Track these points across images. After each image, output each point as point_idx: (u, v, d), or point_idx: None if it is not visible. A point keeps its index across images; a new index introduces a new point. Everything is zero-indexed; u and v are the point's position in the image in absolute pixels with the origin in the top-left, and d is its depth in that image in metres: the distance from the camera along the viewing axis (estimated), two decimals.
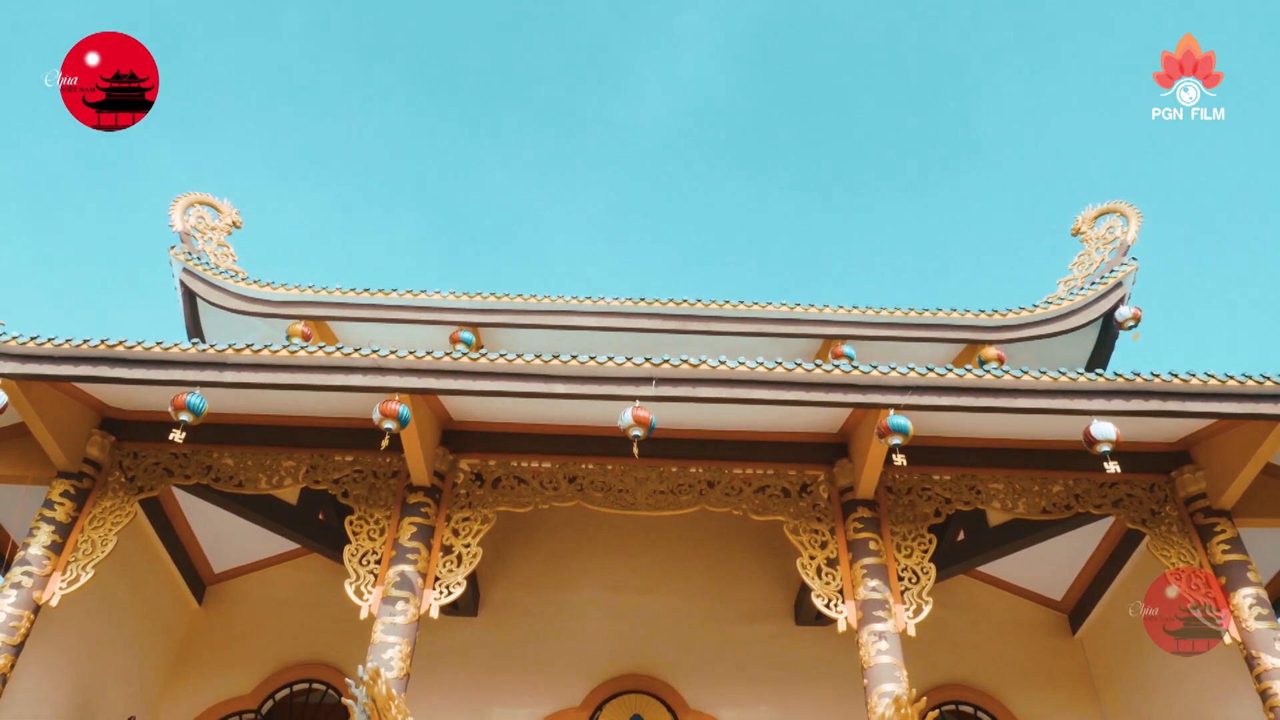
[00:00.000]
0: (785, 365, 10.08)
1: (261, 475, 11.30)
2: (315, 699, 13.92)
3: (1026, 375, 9.96)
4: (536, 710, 13.57)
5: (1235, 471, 10.57)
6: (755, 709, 13.68)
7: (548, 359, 10.04)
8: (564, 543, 14.91)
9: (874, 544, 10.73)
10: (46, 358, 9.89)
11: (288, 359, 10.01)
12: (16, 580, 10.18)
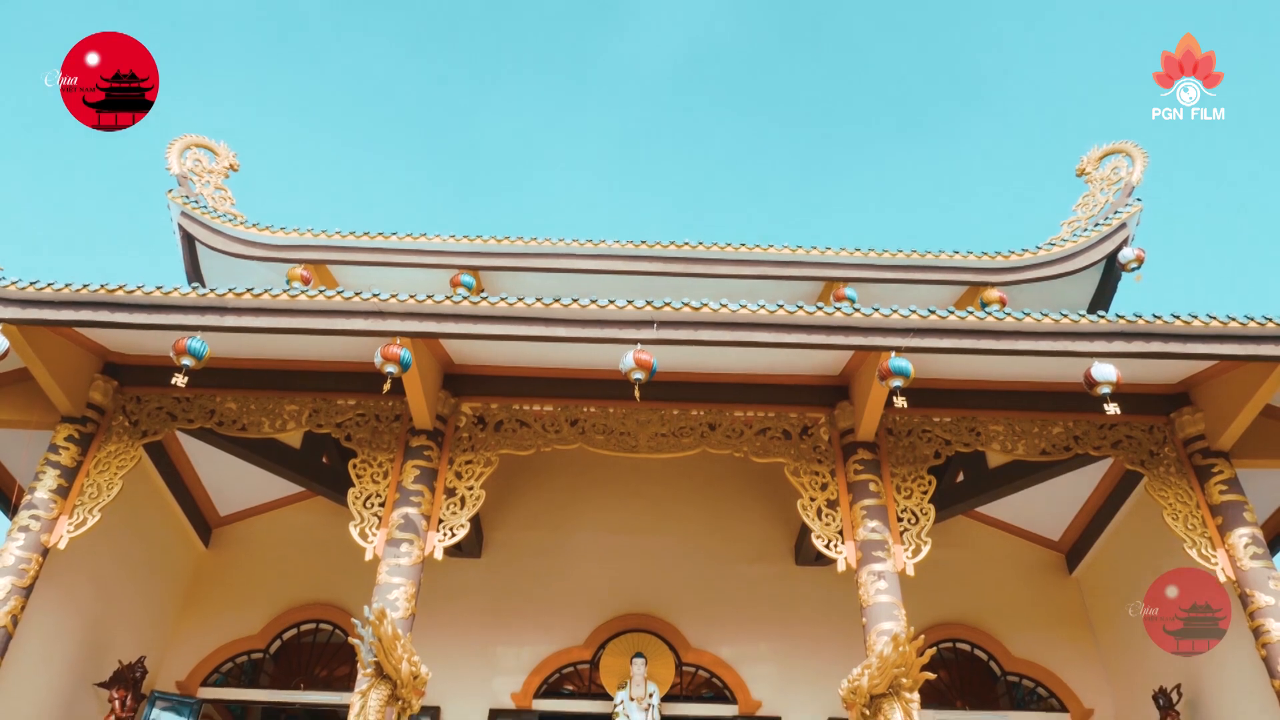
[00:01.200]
0: (786, 308, 10.06)
1: (264, 419, 11.35)
2: (322, 639, 14.15)
3: (1028, 317, 9.93)
4: (540, 649, 13.80)
5: (1234, 413, 10.60)
6: (755, 647, 13.91)
7: (549, 302, 10.01)
8: (566, 485, 15.03)
9: (874, 485, 10.81)
10: (47, 303, 9.87)
11: (288, 303, 9.99)
12: (24, 524, 10.28)
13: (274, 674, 13.97)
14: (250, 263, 15.04)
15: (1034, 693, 13.89)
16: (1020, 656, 13.98)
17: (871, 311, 10.01)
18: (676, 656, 13.72)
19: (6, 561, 10.00)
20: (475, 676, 13.43)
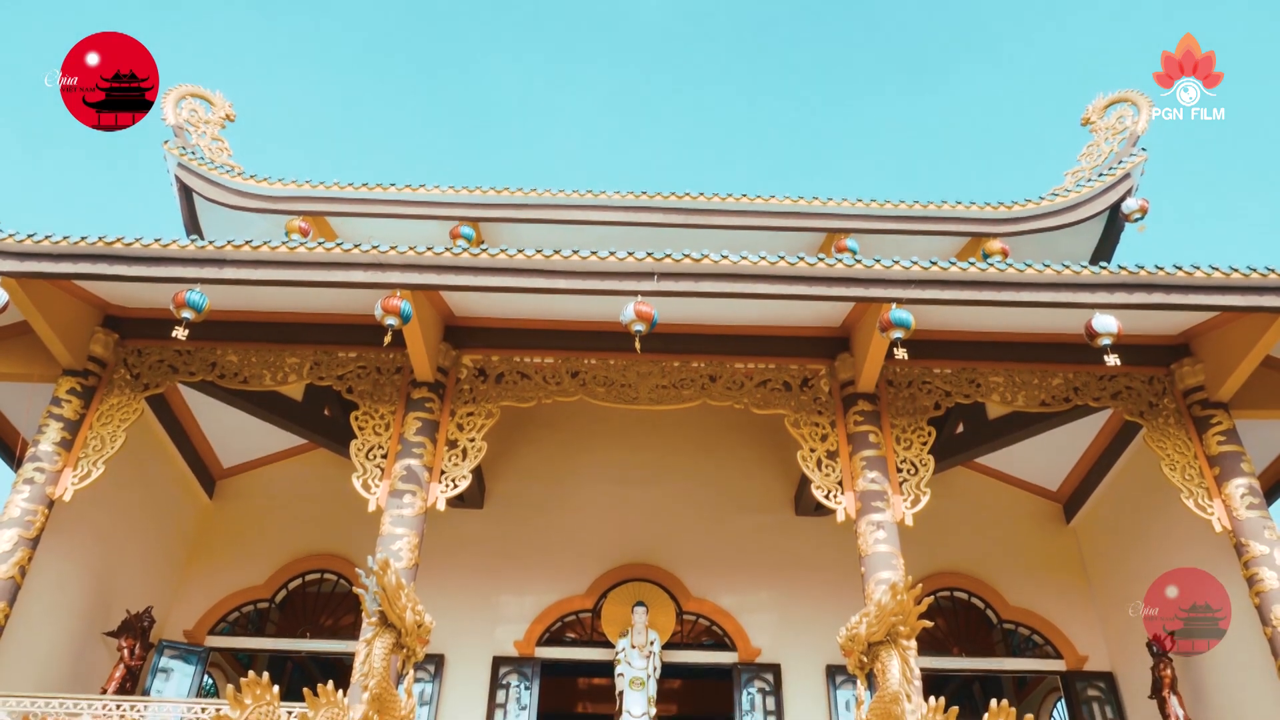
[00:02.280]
0: (788, 259, 10.02)
1: (266, 372, 11.37)
2: (327, 588, 14.31)
3: (1029, 269, 9.90)
4: (542, 598, 13.96)
5: (1234, 364, 10.61)
6: (755, 596, 14.07)
7: (549, 254, 9.98)
8: (567, 436, 15.09)
9: (874, 436, 10.85)
10: (46, 255, 9.83)
11: (287, 256, 9.95)
12: (29, 476, 10.35)
13: (280, 623, 14.15)
14: (248, 215, 14.95)
15: (1029, 640, 14.07)
16: (1016, 605, 14.14)
17: (872, 263, 9.97)
18: (677, 605, 13.88)
19: (12, 514, 10.09)
20: (479, 625, 13.60)
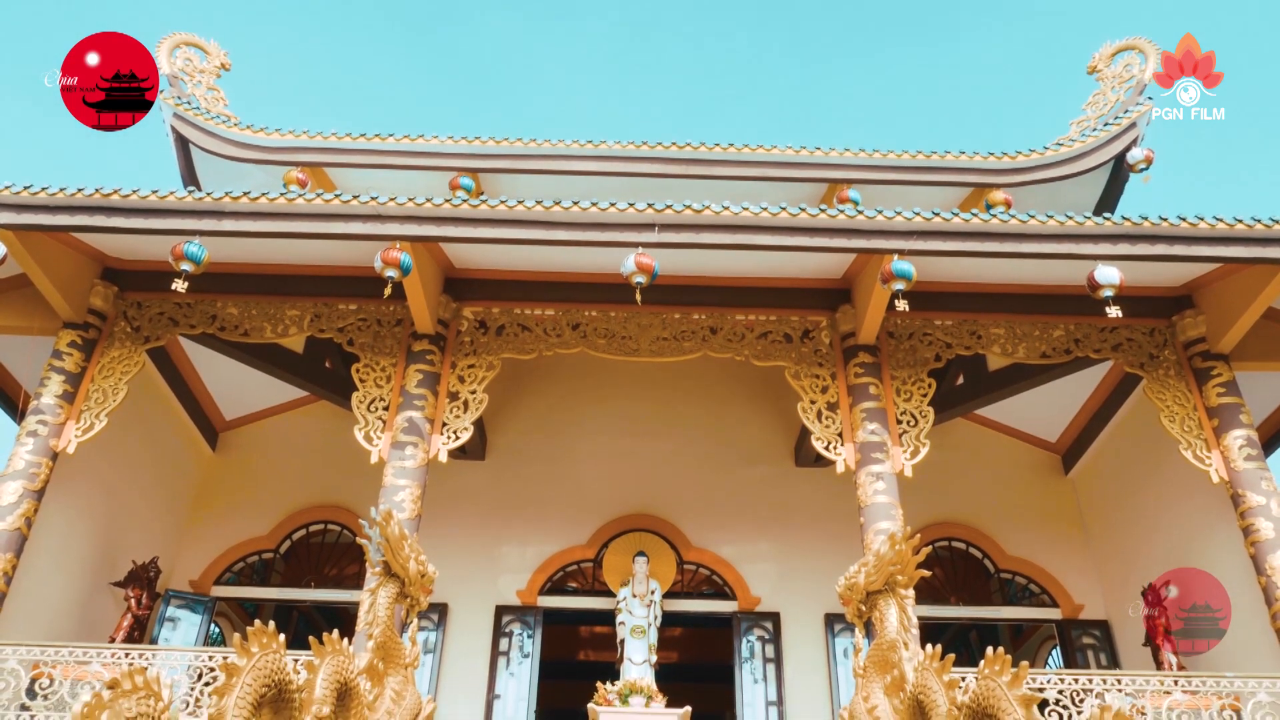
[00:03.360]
0: (789, 210, 9.97)
1: (266, 324, 11.36)
2: (331, 539, 14.44)
3: (1032, 220, 9.85)
4: (544, 548, 14.09)
5: (1236, 315, 10.60)
6: (755, 546, 14.20)
7: (549, 205, 9.92)
8: (569, 389, 15.13)
9: (874, 388, 10.88)
10: (43, 207, 9.77)
11: (286, 207, 9.90)
12: (32, 429, 10.39)
13: (285, 573, 14.30)
14: (246, 165, 14.84)
15: (1026, 589, 14.23)
16: (1014, 555, 14.27)
17: (874, 214, 9.92)
18: (678, 555, 14.01)
19: (16, 466, 10.14)
20: (481, 575, 13.75)
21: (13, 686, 9.11)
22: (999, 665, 5.57)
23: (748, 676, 13.07)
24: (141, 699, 4.59)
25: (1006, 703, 5.35)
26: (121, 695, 4.51)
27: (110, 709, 4.37)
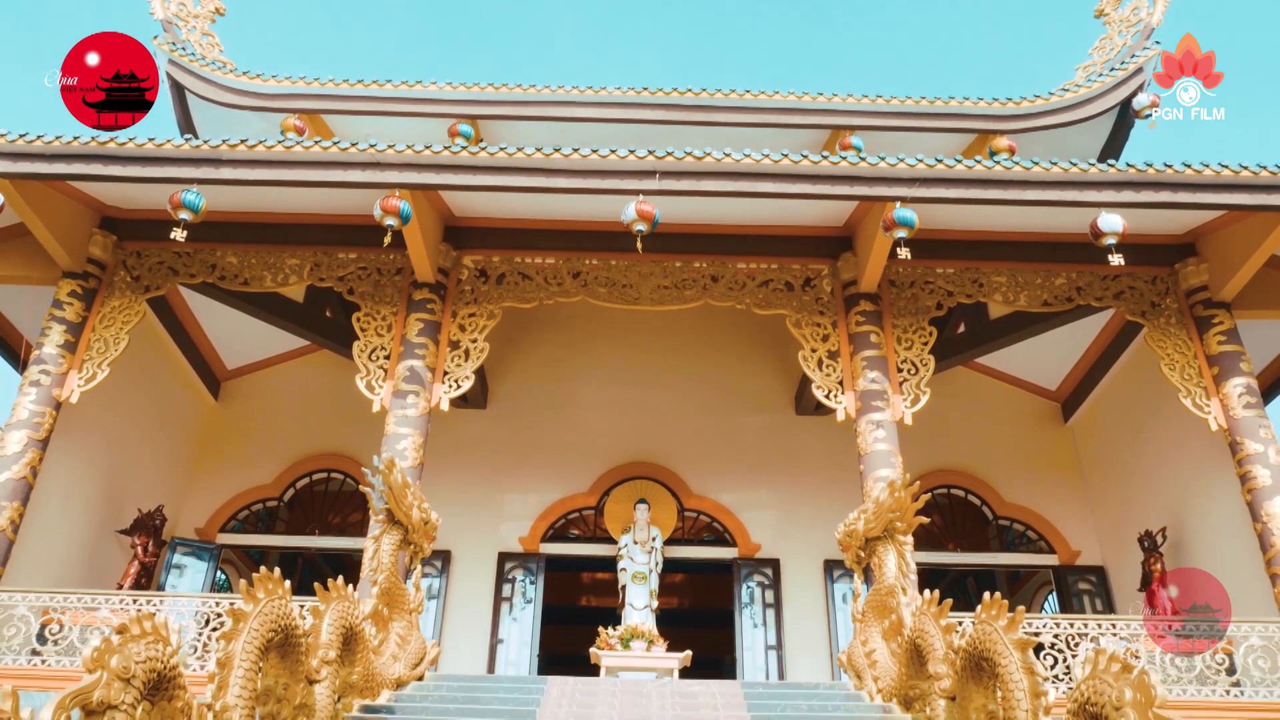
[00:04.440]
0: (791, 157, 9.88)
1: (266, 273, 11.33)
2: (334, 487, 14.55)
3: (1036, 167, 9.76)
4: (546, 496, 14.21)
5: (1239, 264, 10.56)
6: (755, 493, 14.32)
7: (549, 152, 9.83)
8: (570, 338, 15.14)
9: (875, 336, 10.88)
10: (39, 155, 9.68)
11: (284, 155, 9.81)
12: (35, 378, 10.41)
13: (289, 521, 14.44)
14: (242, 113, 14.68)
15: (1024, 536, 14.36)
16: (1012, 502, 14.39)
17: (877, 161, 9.84)
18: (678, 502, 14.13)
19: (20, 415, 10.19)
20: (484, 522, 13.88)
21: (23, 632, 9.24)
22: (995, 610, 5.63)
23: (747, 621, 13.26)
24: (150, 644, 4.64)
25: (1002, 646, 5.42)
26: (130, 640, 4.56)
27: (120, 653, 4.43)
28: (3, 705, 3.60)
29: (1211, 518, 11.69)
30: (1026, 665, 5.32)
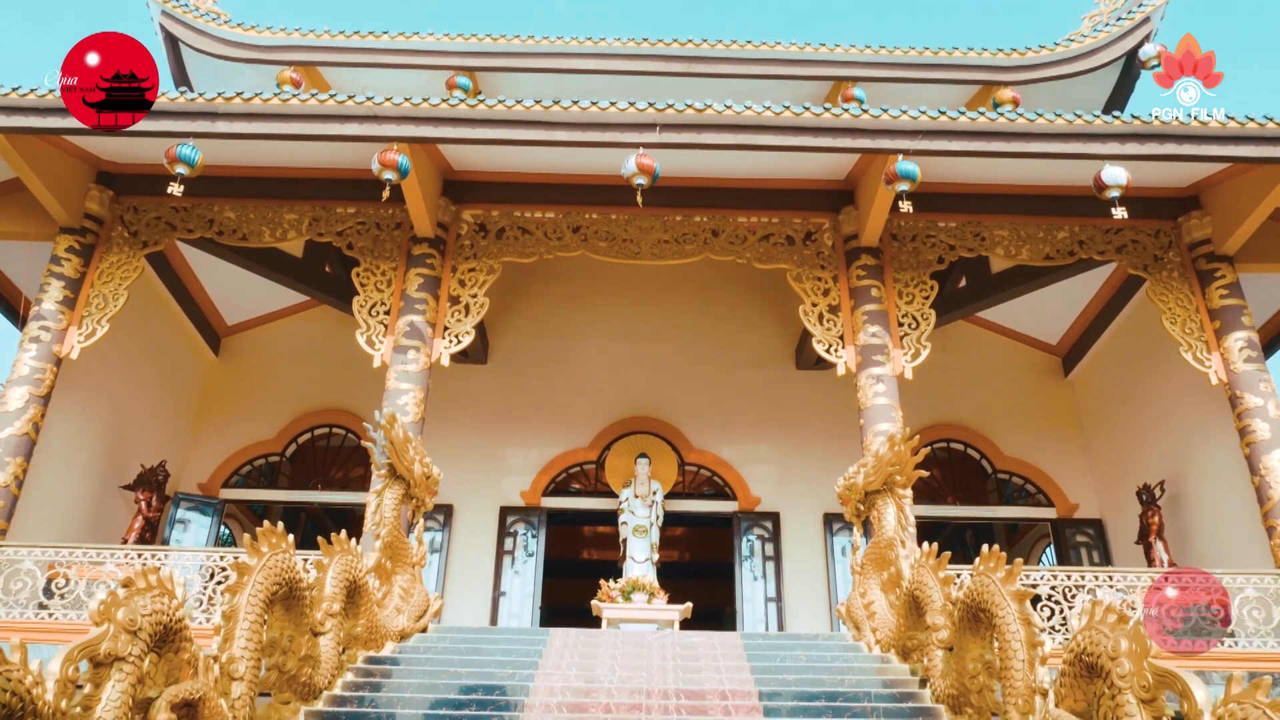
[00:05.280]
0: (793, 109, 9.78)
1: (264, 228, 11.27)
2: (336, 442, 14.61)
3: (1040, 118, 9.67)
4: (548, 451, 14.27)
5: (1243, 217, 10.49)
6: (755, 447, 14.38)
7: (548, 105, 9.73)
8: (570, 293, 15.10)
9: (876, 291, 10.85)
10: (32, 109, 9.59)
11: (280, 108, 9.72)
12: (34, 335, 10.40)
13: (291, 476, 14.51)
14: (238, 65, 14.50)
15: (1023, 489, 14.44)
16: (1011, 456, 14.45)
17: (880, 113, 9.74)
18: (679, 457, 14.20)
19: (21, 372, 10.19)
20: (486, 477, 13.96)
21: (29, 586, 9.33)
22: (993, 562, 5.67)
23: (747, 574, 13.38)
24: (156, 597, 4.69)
25: (1000, 598, 5.47)
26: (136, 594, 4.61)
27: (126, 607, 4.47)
28: (12, 657, 3.64)
29: (1209, 471, 11.74)
30: (1023, 616, 5.38)
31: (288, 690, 6.00)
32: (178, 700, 4.72)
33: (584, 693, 6.55)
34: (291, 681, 5.99)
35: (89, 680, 4.32)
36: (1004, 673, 5.38)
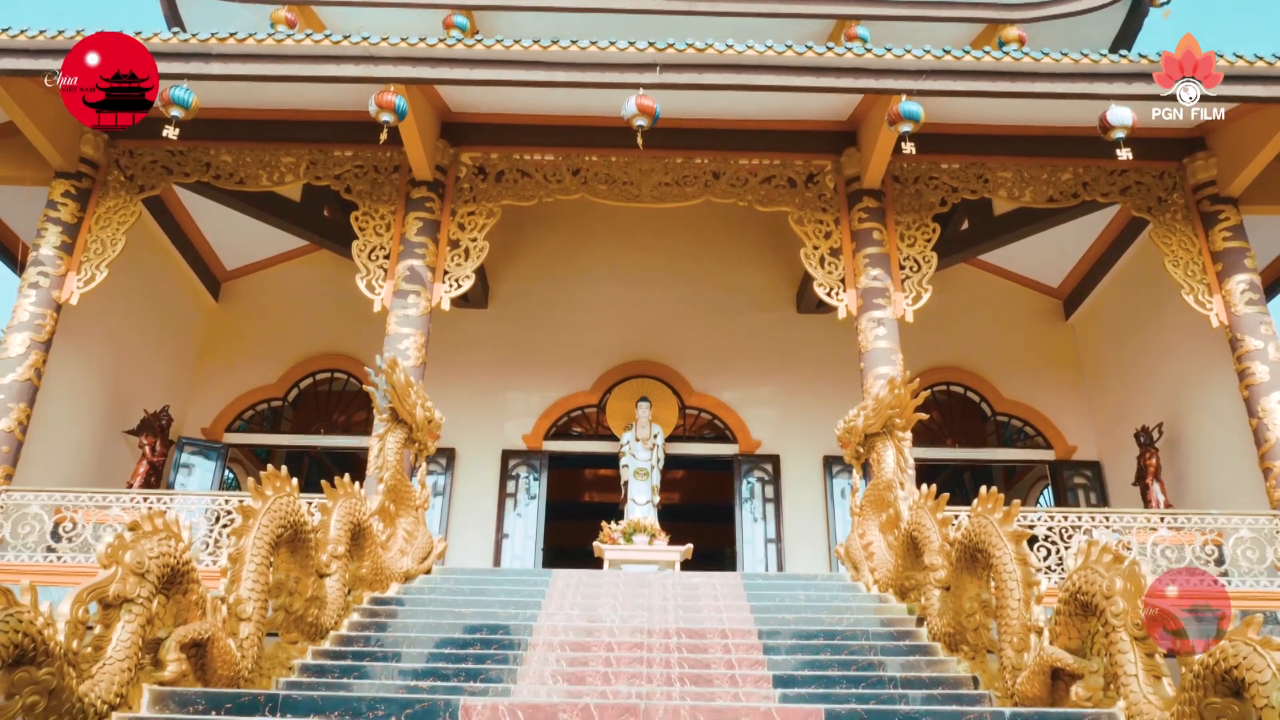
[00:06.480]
0: (795, 48, 9.63)
1: (261, 172, 11.18)
2: (338, 387, 14.65)
3: (1046, 58, 9.54)
4: (548, 394, 14.32)
5: (1249, 158, 10.39)
6: (756, 391, 14.43)
7: (547, 45, 9.59)
8: (570, 237, 15.03)
9: (877, 234, 10.79)
10: (23, 50, 9.45)
11: (274, 49, 9.57)
12: (33, 280, 10.38)
13: (294, 420, 14.59)
14: (231, 5, 14.22)
15: (1021, 432, 14.52)
16: (1010, 398, 14.50)
17: (883, 52, 9.60)
18: (680, 400, 14.25)
19: (21, 318, 10.20)
20: (487, 421, 14.03)
21: (37, 530, 9.43)
22: (991, 503, 5.73)
23: (748, 516, 13.52)
24: (163, 540, 4.75)
25: (997, 538, 5.53)
26: (143, 536, 4.66)
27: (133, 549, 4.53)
28: (22, 599, 3.70)
29: (1207, 414, 11.79)
30: (1020, 556, 5.45)
31: (295, 630, 6.10)
32: (186, 640, 4.81)
33: (586, 632, 6.66)
34: (298, 622, 6.08)
35: (99, 621, 4.40)
36: (1000, 611, 5.47)
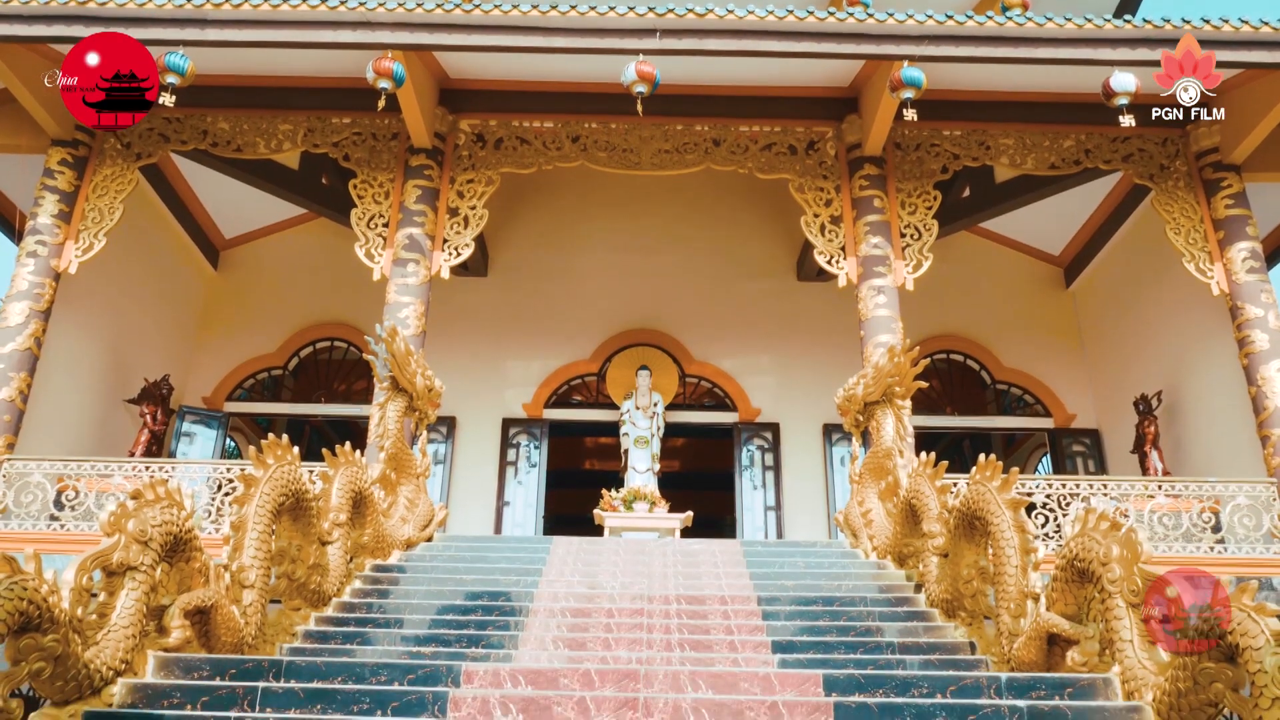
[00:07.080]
0: (796, 14, 9.54)
1: (259, 139, 11.11)
2: (338, 356, 14.66)
3: (1050, 23, 9.45)
4: (549, 363, 14.33)
5: (1253, 124, 10.32)
6: (756, 359, 14.44)
7: (545, 9, 9.49)
8: (570, 205, 14.98)
9: (878, 201, 10.75)
10: (16, 17, 9.36)
11: (271, 14, 9.47)
12: (31, 249, 10.35)
13: (294, 389, 14.61)
14: None
15: (1021, 400, 14.54)
16: (1010, 366, 14.51)
17: (885, 17, 9.51)
18: (680, 368, 14.27)
19: (20, 287, 10.18)
20: (488, 389, 14.05)
21: (40, 499, 9.48)
22: (990, 471, 5.75)
23: (747, 483, 13.58)
24: (165, 508, 4.77)
25: (995, 506, 5.56)
26: (146, 505, 4.69)
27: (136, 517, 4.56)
28: (26, 567, 3.72)
29: (1207, 382, 11.80)
30: (1018, 523, 5.47)
31: (298, 597, 6.15)
32: (190, 607, 4.85)
33: (587, 598, 6.71)
34: (301, 589, 6.13)
35: (103, 589, 4.44)
36: (997, 578, 5.50)
